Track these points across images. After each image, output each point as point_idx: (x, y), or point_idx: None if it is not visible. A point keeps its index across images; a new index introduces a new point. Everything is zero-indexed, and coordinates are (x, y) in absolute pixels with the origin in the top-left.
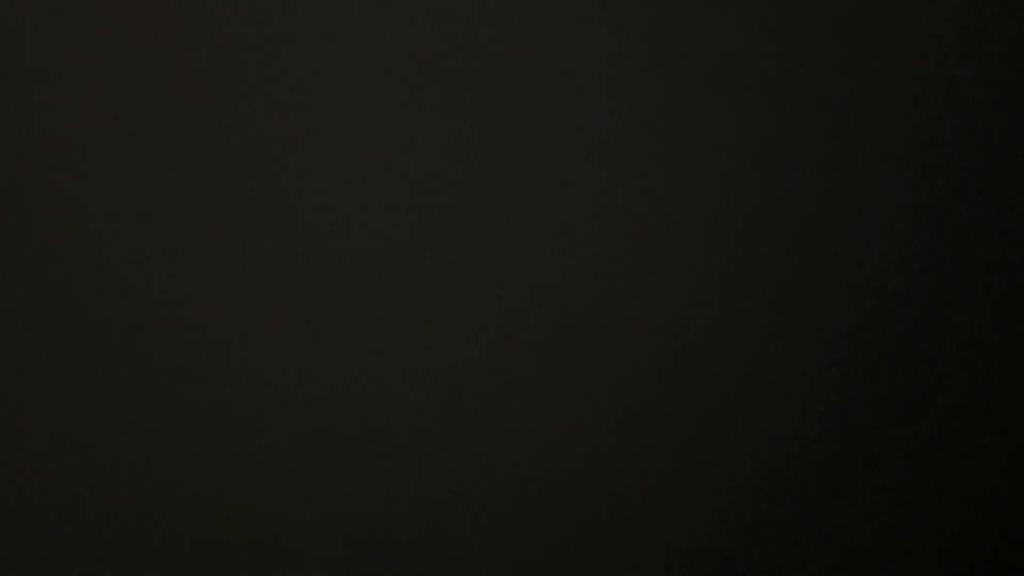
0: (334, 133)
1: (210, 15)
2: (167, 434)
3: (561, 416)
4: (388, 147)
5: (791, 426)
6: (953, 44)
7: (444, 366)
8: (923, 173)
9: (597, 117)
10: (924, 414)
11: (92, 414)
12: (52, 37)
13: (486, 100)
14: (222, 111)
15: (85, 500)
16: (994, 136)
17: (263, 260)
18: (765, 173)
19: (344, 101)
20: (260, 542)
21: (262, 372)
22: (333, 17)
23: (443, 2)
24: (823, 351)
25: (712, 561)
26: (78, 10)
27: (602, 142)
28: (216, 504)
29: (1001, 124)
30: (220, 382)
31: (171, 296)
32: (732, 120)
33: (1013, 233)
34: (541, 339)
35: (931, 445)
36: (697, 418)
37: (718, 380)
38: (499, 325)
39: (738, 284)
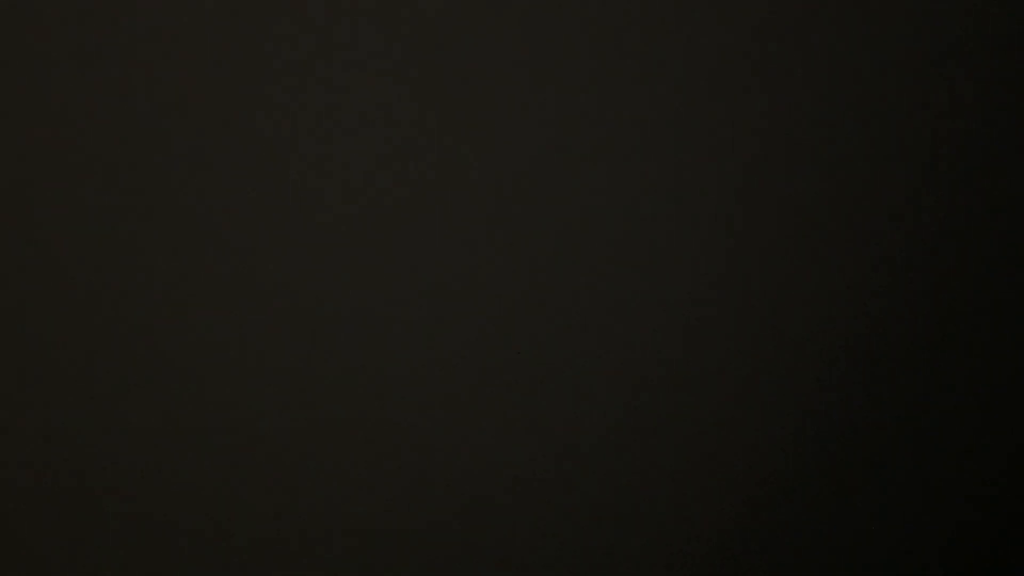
0: (333, 133)
1: (209, 15)
2: (166, 433)
3: (561, 416)
4: (387, 146)
5: (790, 426)
6: (953, 44)
7: (444, 365)
8: (923, 173)
9: (597, 117)
10: (924, 414)
11: (92, 413)
12: (51, 36)
13: (485, 99)
14: (221, 111)
15: (85, 499)
16: (994, 136)
17: (264, 259)
18: (764, 173)
19: (343, 100)
20: (260, 542)
21: (262, 371)
22: (333, 17)
23: (443, 3)
24: (823, 351)
25: (712, 561)
26: (77, 9)
27: (602, 142)
28: (216, 503)
29: (1001, 124)
30: (220, 381)
31: (171, 294)
32: (731, 120)
33: (1013, 233)
34: (541, 339)
35: (931, 445)
36: (697, 418)
37: (718, 380)
38: (499, 324)
39: (738, 284)
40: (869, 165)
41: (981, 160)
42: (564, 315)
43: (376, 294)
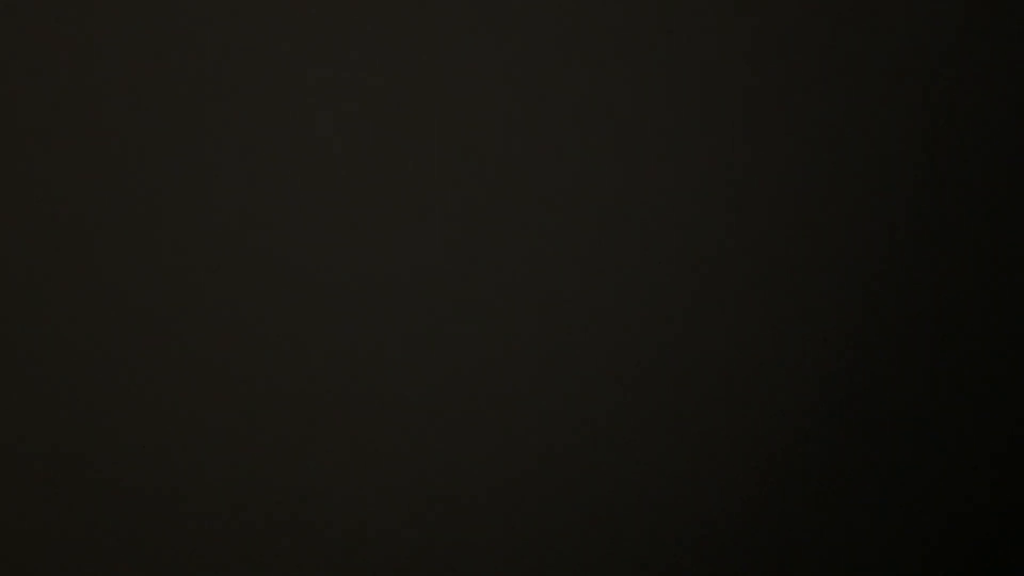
0: (333, 134)
1: (209, 15)
2: (166, 432)
3: (561, 415)
4: (386, 147)
5: (790, 426)
6: (952, 44)
7: (443, 365)
8: (922, 173)
9: (596, 118)
10: (924, 414)
11: (92, 412)
12: (51, 36)
13: (485, 101)
14: (221, 111)
15: (85, 497)
16: (994, 136)
17: (263, 258)
18: (763, 172)
19: (342, 101)
20: (259, 541)
21: (262, 372)
22: (332, 18)
23: (444, 4)
24: (822, 351)
25: (712, 561)
26: (76, 9)
27: (601, 142)
28: (216, 503)
29: (1001, 124)
30: (220, 382)
31: (172, 295)
32: (731, 119)
33: (1013, 233)
34: (539, 338)
35: (931, 445)
36: (696, 417)
37: (718, 379)
38: (497, 324)
39: (737, 283)
40: (869, 165)
41: (981, 160)
42: (563, 314)
43: (375, 294)
